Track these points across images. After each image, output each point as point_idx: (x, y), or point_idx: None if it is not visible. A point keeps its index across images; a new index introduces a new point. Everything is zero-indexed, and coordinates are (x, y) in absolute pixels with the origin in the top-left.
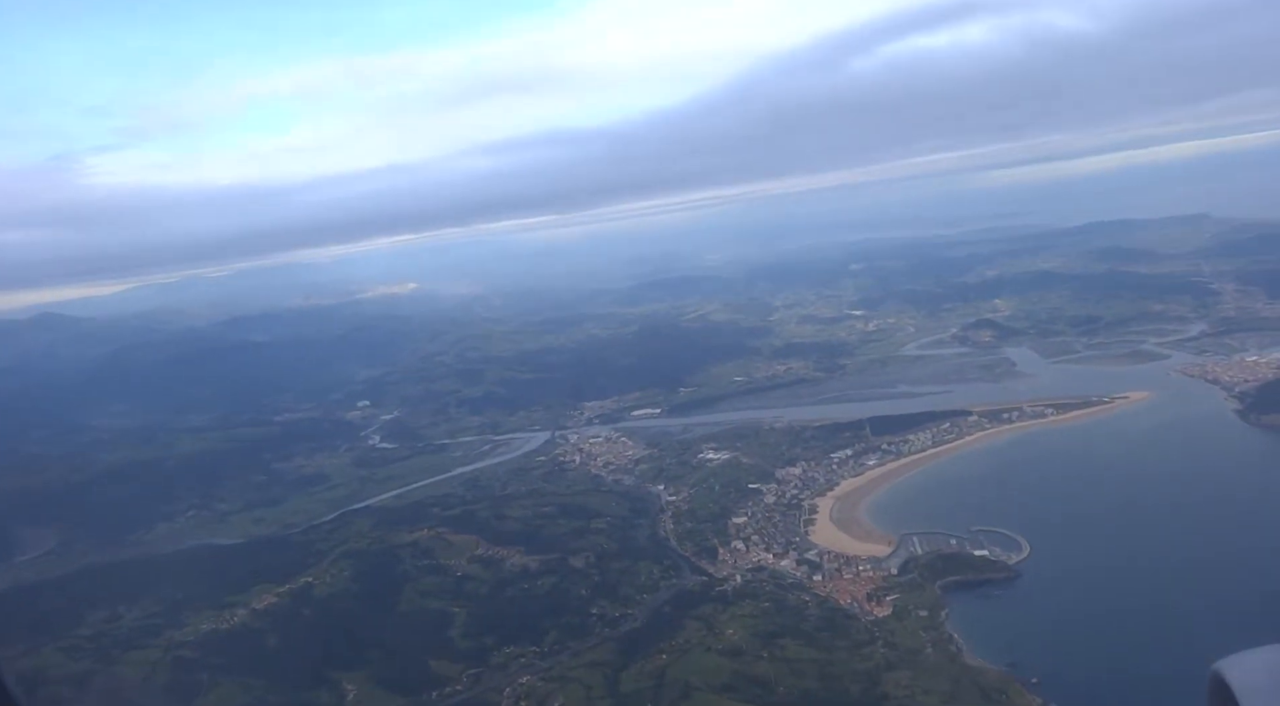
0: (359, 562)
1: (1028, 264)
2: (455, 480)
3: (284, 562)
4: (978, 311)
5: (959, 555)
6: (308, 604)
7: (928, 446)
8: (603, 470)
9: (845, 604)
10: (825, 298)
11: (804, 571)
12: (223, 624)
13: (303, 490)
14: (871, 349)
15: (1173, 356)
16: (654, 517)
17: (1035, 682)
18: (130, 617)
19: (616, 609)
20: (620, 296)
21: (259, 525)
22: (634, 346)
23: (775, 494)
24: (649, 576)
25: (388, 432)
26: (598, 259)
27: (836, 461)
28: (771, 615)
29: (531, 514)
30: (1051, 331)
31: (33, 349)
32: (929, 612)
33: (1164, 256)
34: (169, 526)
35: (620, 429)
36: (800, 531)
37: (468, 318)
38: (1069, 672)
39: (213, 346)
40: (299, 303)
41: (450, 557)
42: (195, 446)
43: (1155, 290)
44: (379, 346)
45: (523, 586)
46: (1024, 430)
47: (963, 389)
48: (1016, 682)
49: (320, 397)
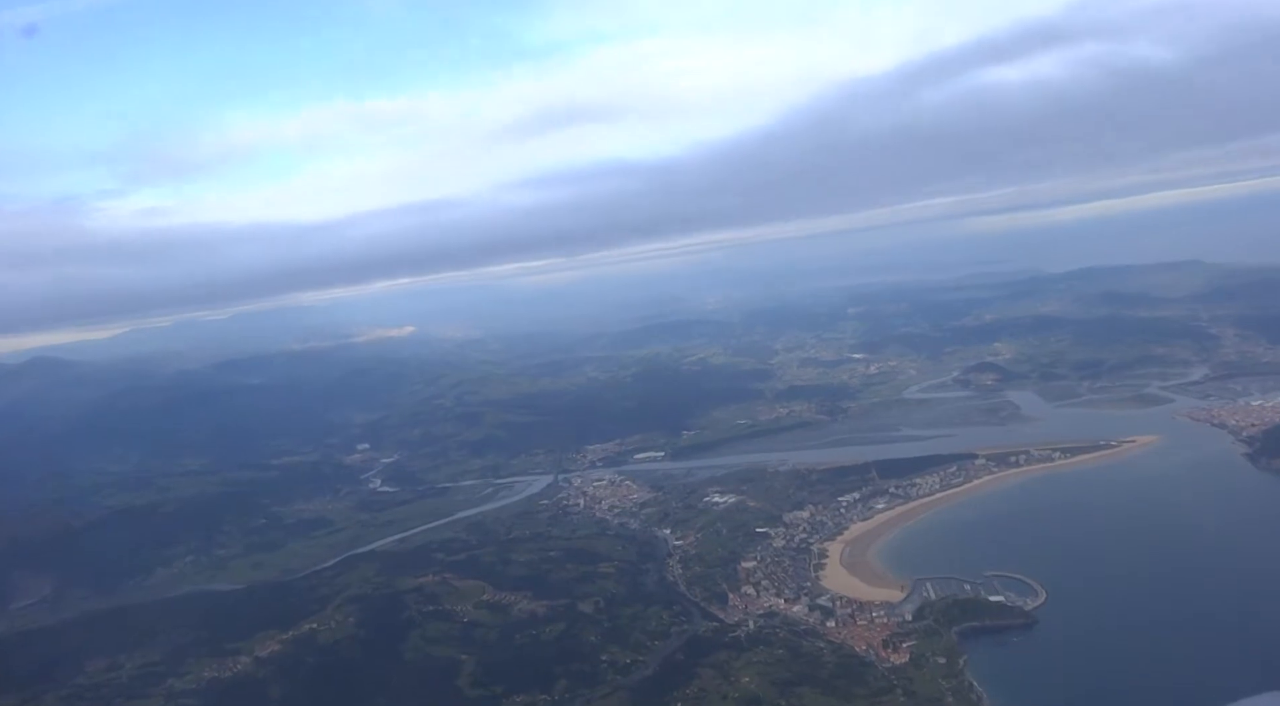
0: (364, 608)
1: (1025, 308)
2: (459, 524)
3: (287, 608)
4: (978, 355)
5: (975, 601)
6: (312, 651)
7: (936, 490)
8: (608, 514)
9: (861, 651)
10: (825, 341)
11: (817, 617)
12: (225, 671)
13: (303, 534)
14: (874, 392)
15: (1177, 400)
16: (661, 562)
17: None
18: (130, 665)
19: (627, 655)
20: (618, 339)
21: (259, 570)
22: (634, 389)
23: (784, 538)
24: (659, 622)
25: (388, 476)
26: (594, 303)
27: (844, 505)
28: (786, 662)
29: (538, 558)
30: (1054, 375)
31: (27, 393)
32: (947, 660)
33: (1160, 301)
34: (167, 572)
35: (624, 472)
36: (811, 576)
37: (465, 361)
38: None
39: (207, 390)
40: (295, 346)
41: (457, 603)
42: (192, 490)
43: (1155, 334)
44: (377, 389)
45: (531, 632)
46: (1032, 474)
47: (967, 432)
48: None
49: (319, 441)
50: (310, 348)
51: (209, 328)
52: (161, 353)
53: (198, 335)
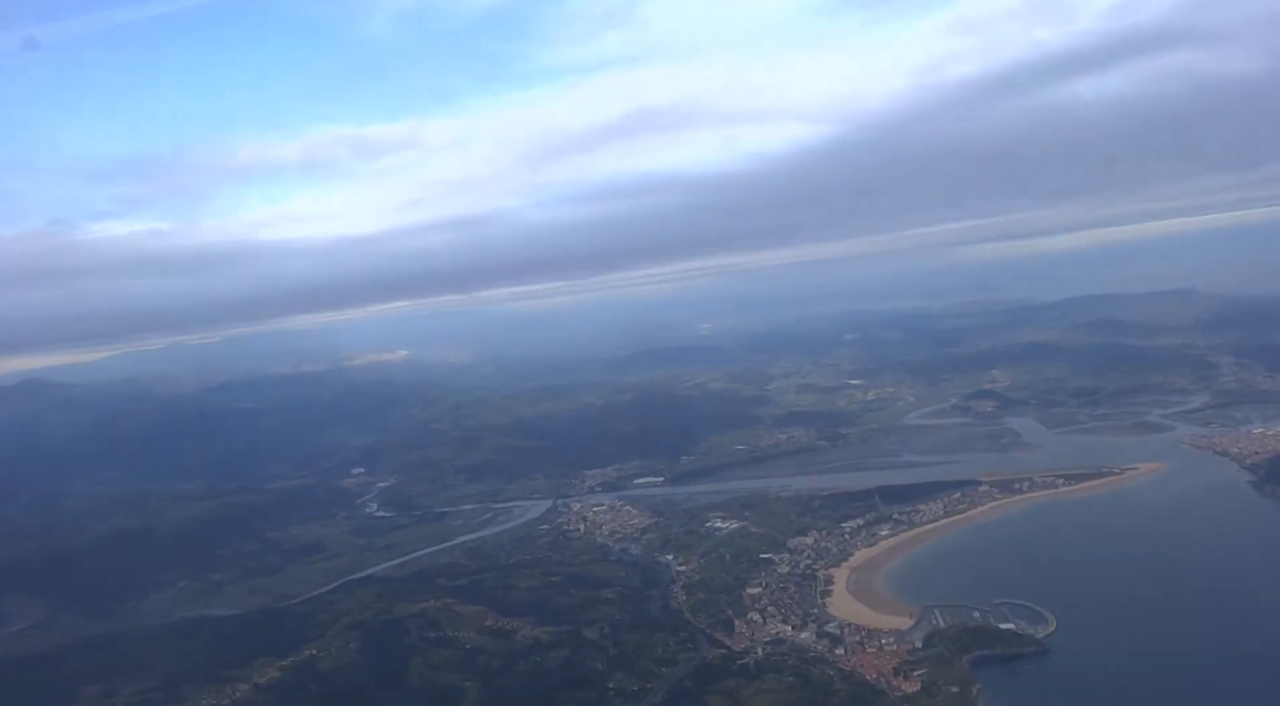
0: (364, 634)
1: (1020, 336)
2: (457, 549)
3: (285, 635)
4: (976, 382)
5: (985, 628)
6: (312, 678)
7: (940, 516)
8: (609, 539)
9: (872, 679)
10: (822, 367)
11: (825, 644)
12: (224, 699)
13: (299, 559)
14: (873, 418)
15: (1178, 428)
16: (665, 588)
17: None
18: (126, 693)
19: (635, 682)
20: (614, 365)
21: (255, 595)
22: (632, 415)
23: (788, 564)
24: (666, 648)
25: (385, 500)
26: (585, 328)
27: (848, 531)
28: (797, 690)
29: (540, 583)
30: (1053, 402)
31: (18, 415)
32: (960, 689)
33: (1156, 329)
34: (161, 597)
35: (624, 497)
36: (818, 603)
37: (460, 385)
38: None
39: (199, 413)
40: (287, 369)
41: (459, 629)
42: (186, 514)
43: (1153, 363)
44: (371, 413)
45: (535, 659)
46: (1037, 500)
47: (969, 459)
48: None
49: (313, 465)
50: (303, 371)
51: (200, 351)
52: (152, 375)
53: (189, 358)
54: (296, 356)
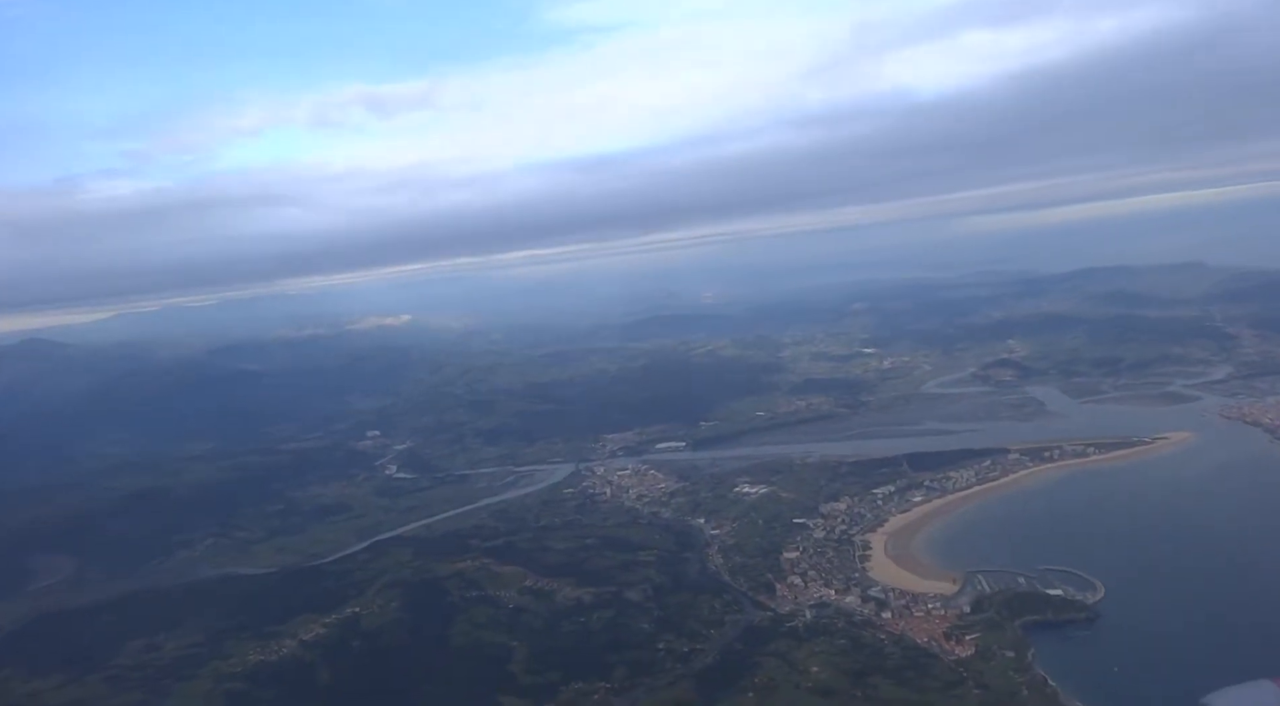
0: (405, 593)
1: (1033, 306)
2: (483, 511)
3: (323, 593)
4: (993, 352)
5: (1034, 594)
6: (356, 635)
7: (972, 483)
8: (636, 503)
9: (922, 643)
10: (833, 335)
11: (871, 608)
12: (270, 655)
13: (324, 519)
14: (891, 386)
15: (1204, 398)
16: (701, 551)
17: None
18: (170, 647)
19: (684, 643)
20: (621, 332)
21: (283, 554)
22: (646, 381)
23: (823, 529)
24: (711, 610)
25: (403, 463)
26: (587, 296)
27: (880, 497)
28: (849, 653)
29: (574, 546)
30: (1073, 372)
31: (22, 376)
32: (1015, 653)
33: (1170, 301)
34: (188, 554)
35: (647, 462)
36: (858, 567)
37: (469, 350)
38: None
39: (205, 375)
40: (290, 333)
41: (499, 589)
42: (204, 475)
43: (1171, 334)
44: (380, 377)
45: (579, 619)
46: (1069, 469)
47: (995, 427)
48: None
49: (326, 427)
50: (306, 334)
51: (197, 313)
52: (151, 337)
53: (186, 320)
54: (297, 320)
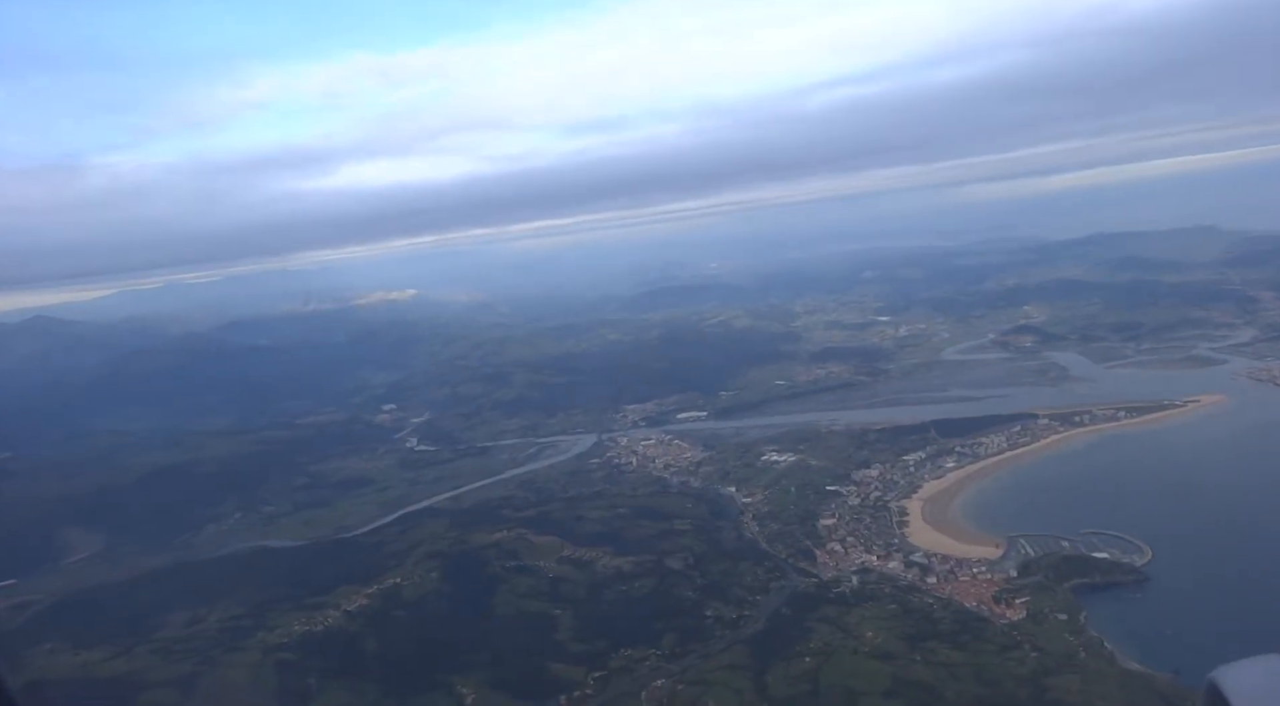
0: (445, 563)
1: (1046, 273)
2: (510, 482)
3: (360, 564)
4: (1009, 318)
5: (1082, 557)
6: (399, 605)
7: (1004, 449)
8: (664, 472)
9: (972, 606)
10: (845, 304)
11: (915, 573)
12: (315, 625)
13: (349, 492)
14: (910, 353)
15: (1230, 361)
16: (735, 519)
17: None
18: (213, 619)
19: (731, 610)
20: (629, 303)
21: (311, 527)
22: (661, 351)
23: (857, 496)
24: (754, 578)
25: (423, 435)
26: (591, 268)
27: (912, 464)
28: (901, 618)
29: (608, 515)
30: (1094, 337)
31: (31, 353)
32: (1068, 616)
33: (1185, 266)
34: (217, 528)
35: (670, 431)
36: (897, 533)
37: (478, 323)
38: None
39: (218, 351)
40: (296, 308)
41: (537, 559)
42: (226, 449)
43: (1190, 298)
44: (391, 351)
45: (620, 588)
46: (1100, 433)
47: (1020, 393)
48: (1189, 691)
49: (341, 402)
50: (313, 310)
51: (200, 290)
52: (157, 314)
53: (190, 296)
54: (301, 296)
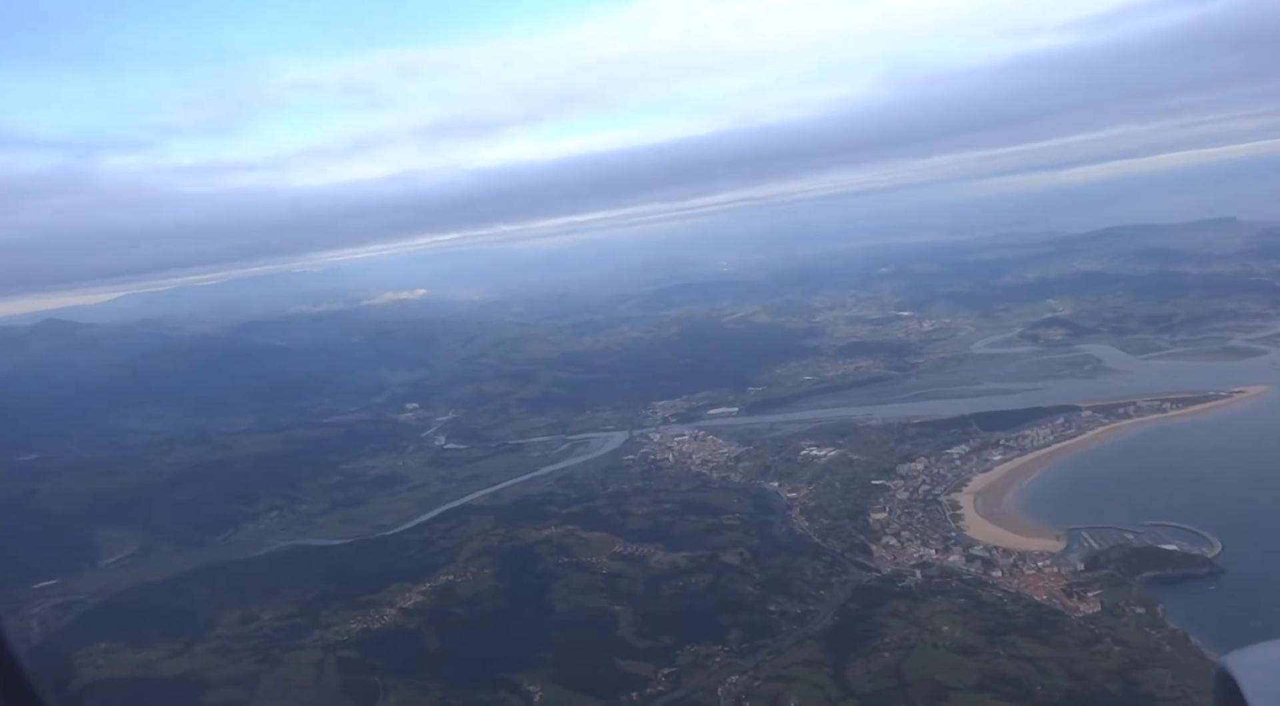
0: (496, 560)
1: (1067, 266)
2: (546, 479)
3: (408, 562)
4: (1035, 311)
5: (1151, 549)
6: (455, 603)
7: (1050, 441)
8: (703, 468)
9: (1042, 600)
10: (865, 300)
11: (978, 567)
12: (373, 623)
13: (384, 490)
14: (938, 348)
15: (1270, 352)
16: (783, 514)
17: None
18: (267, 618)
19: (796, 605)
20: (645, 301)
21: (350, 525)
22: (684, 348)
23: (905, 490)
24: (814, 572)
25: (451, 433)
26: (601, 266)
27: (957, 457)
28: (973, 612)
29: (654, 510)
30: (1125, 329)
31: (44, 355)
32: (1145, 609)
33: (1208, 257)
34: (255, 527)
35: (704, 427)
36: (952, 527)
37: (494, 322)
38: None
39: (234, 352)
40: (308, 308)
41: (590, 555)
42: (255, 448)
43: (1218, 289)
44: (408, 350)
45: (677, 584)
46: (1148, 424)
47: (1058, 385)
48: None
49: (364, 401)
50: (326, 310)
51: (211, 291)
52: (170, 316)
53: (201, 298)
54: (312, 296)
